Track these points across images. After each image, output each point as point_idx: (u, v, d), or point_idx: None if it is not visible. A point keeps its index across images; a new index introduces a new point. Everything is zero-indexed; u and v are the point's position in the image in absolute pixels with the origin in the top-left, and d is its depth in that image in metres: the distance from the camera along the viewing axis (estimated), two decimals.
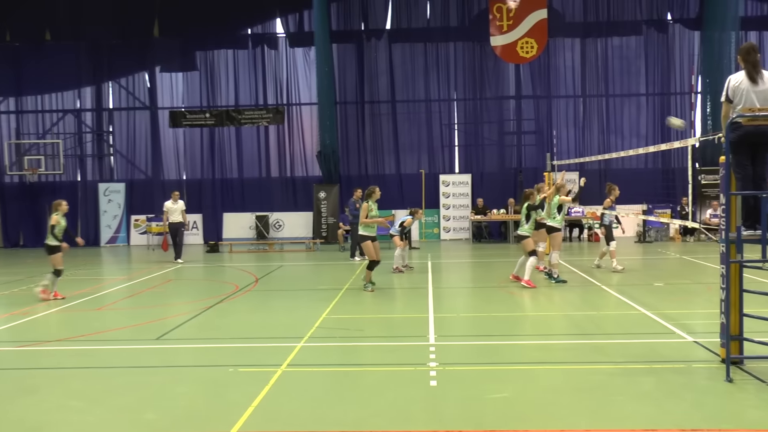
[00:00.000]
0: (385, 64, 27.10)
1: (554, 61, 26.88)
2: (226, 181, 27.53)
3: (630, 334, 9.68)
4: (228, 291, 14.36)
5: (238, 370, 8.03)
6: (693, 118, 25.80)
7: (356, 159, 27.25)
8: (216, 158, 27.60)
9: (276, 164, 27.62)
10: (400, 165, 27.19)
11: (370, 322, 10.91)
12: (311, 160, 27.32)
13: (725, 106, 7.85)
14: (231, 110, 27.15)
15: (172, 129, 27.53)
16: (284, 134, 27.52)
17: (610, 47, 26.82)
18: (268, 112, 27.09)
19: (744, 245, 7.52)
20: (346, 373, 7.91)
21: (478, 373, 7.81)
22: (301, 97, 27.51)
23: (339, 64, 27.13)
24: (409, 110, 27.23)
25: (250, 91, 27.52)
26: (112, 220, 27.22)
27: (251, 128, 27.40)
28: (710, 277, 14.55)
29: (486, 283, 15.11)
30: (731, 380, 7.18)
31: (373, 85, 27.17)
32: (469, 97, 27.10)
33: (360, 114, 27.24)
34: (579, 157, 24.99)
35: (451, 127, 27.37)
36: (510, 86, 27.24)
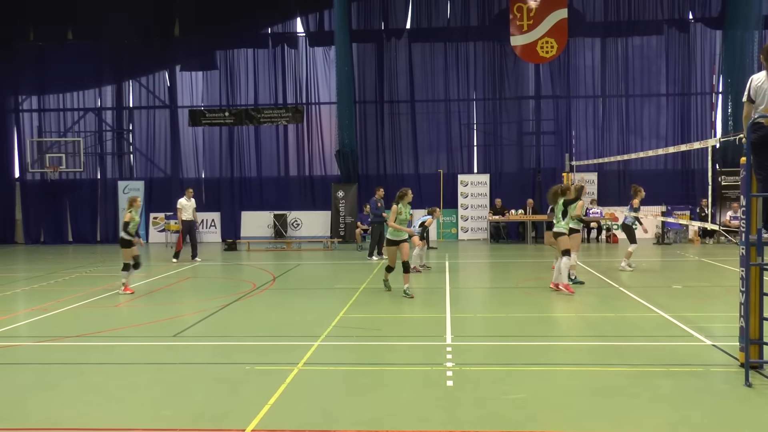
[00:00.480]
0: (404, 64, 27.09)
1: (574, 61, 26.74)
2: (245, 179, 27.63)
3: (648, 337, 9.61)
4: (245, 289, 14.40)
5: (255, 368, 8.05)
6: (714, 119, 25.56)
7: (375, 158, 27.26)
8: (235, 157, 27.71)
9: (294, 163, 27.68)
10: (419, 165, 27.17)
11: (387, 321, 10.90)
12: (330, 159, 27.36)
13: (747, 106, 7.76)
14: (250, 109, 27.25)
15: (191, 128, 27.67)
16: (303, 133, 27.58)
17: (631, 47, 26.64)
18: (287, 111, 27.15)
19: (764, 248, 7.44)
20: (362, 373, 7.91)
21: (494, 373, 7.79)
22: (321, 96, 27.56)
23: (358, 64, 27.15)
24: (428, 110, 27.20)
25: (269, 90, 27.60)
26: None
27: (270, 127, 27.48)
28: (729, 280, 14.41)
29: (503, 283, 15.06)
30: (750, 385, 7.11)
31: (392, 84, 27.15)
32: (488, 97, 27.02)
33: (379, 113, 27.24)
34: (598, 157, 24.86)
35: (470, 127, 27.30)
36: (529, 86, 27.13)
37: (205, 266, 19.24)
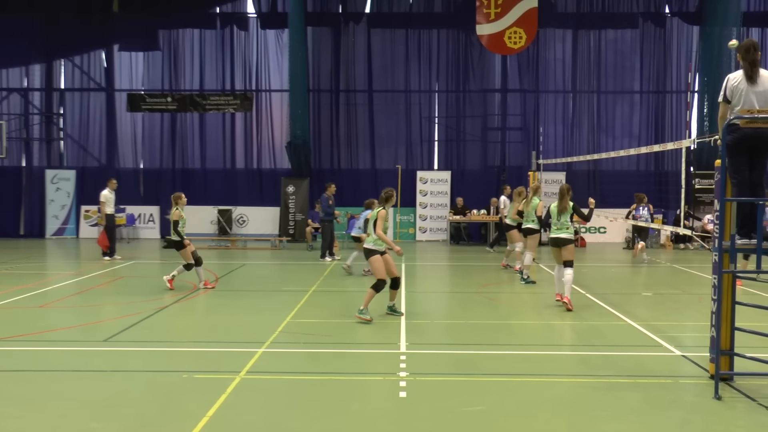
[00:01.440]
0: (362, 51, 27.05)
1: (544, 54, 26.98)
2: (187, 171, 27.32)
3: (615, 346, 9.74)
4: (185, 290, 14.27)
5: (194, 376, 7.98)
6: (689, 119, 26.05)
7: (329, 151, 27.18)
8: (177, 146, 27.37)
9: (242, 155, 27.46)
10: (376, 159, 27.17)
11: (337, 327, 10.86)
12: (280, 151, 27.19)
13: (722, 106, 7.92)
14: (195, 95, 26.95)
15: (129, 113, 27.26)
16: (252, 122, 27.36)
17: (604, 40, 26.99)
18: (235, 98, 26.93)
19: (738, 255, 7.60)
20: (310, 382, 7.88)
21: (452, 384, 7.82)
22: (272, 83, 27.38)
23: (313, 49, 27.03)
24: (387, 101, 27.20)
25: (216, 74, 27.32)
26: (59, 210, 26.90)
27: (216, 115, 27.23)
28: (702, 288, 14.70)
29: (463, 288, 15.14)
30: (720, 398, 7.26)
31: (349, 72, 27.10)
32: (451, 89, 27.13)
33: (334, 103, 27.17)
34: (567, 156, 25.14)
35: (431, 121, 27.39)
36: (495, 79, 27.30)
37: (142, 265, 19.00)
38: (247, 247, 24.07)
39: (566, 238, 12.65)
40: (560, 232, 12.68)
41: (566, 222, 12.70)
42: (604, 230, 26.12)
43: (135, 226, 26.61)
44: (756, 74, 7.75)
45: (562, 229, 12.69)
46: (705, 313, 9.31)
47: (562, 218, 12.71)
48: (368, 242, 11.43)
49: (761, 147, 7.78)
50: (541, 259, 19.39)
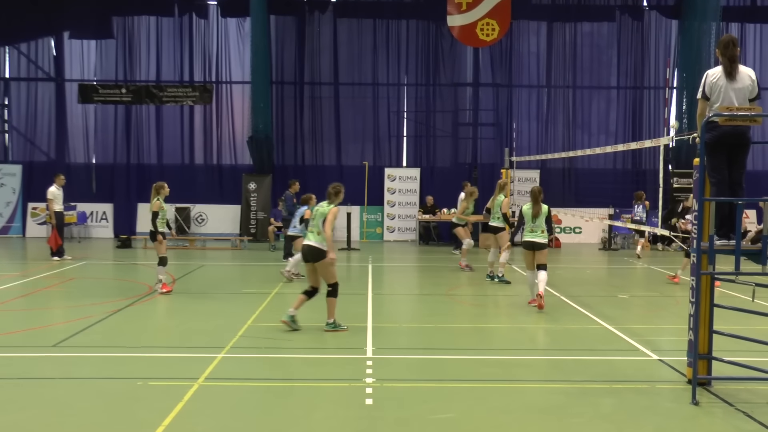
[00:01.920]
0: (328, 41, 27.00)
1: (517, 46, 27.13)
2: (143, 166, 27.05)
3: (590, 351, 9.83)
4: (140, 292, 14.14)
5: (148, 383, 7.92)
6: (667, 116, 26.35)
7: (292, 147, 27.09)
8: (132, 140, 27.08)
9: (201, 150, 27.26)
10: (342, 155, 27.13)
11: (300, 330, 10.82)
12: (241, 146, 27.04)
13: (701, 103, 8.02)
14: (151, 86, 26.70)
15: (81, 105, 26.91)
16: (211, 116, 27.17)
17: (580, 34, 27.21)
18: (193, 90, 26.73)
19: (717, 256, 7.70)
20: (271, 389, 7.86)
21: (420, 390, 7.83)
22: (233, 74, 27.22)
23: (277, 39, 26.92)
24: (354, 94, 27.17)
25: (174, 65, 27.08)
26: (4, 208, 26.49)
27: (174, 108, 26.99)
28: (680, 290, 14.89)
29: (432, 290, 15.18)
30: (697, 403, 7.36)
31: (314, 64, 27.02)
32: (421, 83, 27.18)
33: (298, 96, 27.08)
34: (541, 153, 25.30)
35: (399, 115, 27.42)
36: (467, 72, 27.40)
37: (94, 266, 18.80)
38: (206, 247, 23.92)
39: (541, 242, 12.82)
40: (535, 235, 12.81)
41: (541, 225, 12.82)
42: (579, 230, 26.34)
43: (87, 225, 26.30)
44: (735, 70, 7.85)
45: (537, 232, 12.82)
46: (683, 316, 9.42)
47: (537, 221, 12.82)
48: (316, 240, 10.57)
49: (740, 145, 7.89)
50: (513, 260, 19.49)
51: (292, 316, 10.75)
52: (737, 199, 7.76)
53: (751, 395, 7.74)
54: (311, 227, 10.76)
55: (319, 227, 10.61)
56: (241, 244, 23.89)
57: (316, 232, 10.61)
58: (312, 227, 10.73)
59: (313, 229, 10.69)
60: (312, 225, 10.75)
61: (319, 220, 10.65)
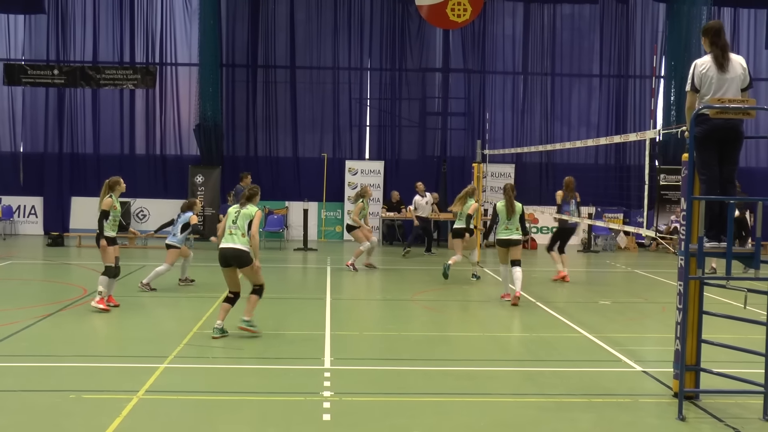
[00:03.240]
0: (284, 20, 26.89)
1: (491, 29, 27.23)
2: (77, 156, 26.77)
3: (568, 362, 9.89)
4: (73, 296, 14.00)
5: (82, 396, 7.84)
6: (654, 107, 26.63)
7: (243, 136, 26.96)
8: (65, 127, 26.79)
9: (142, 138, 27.03)
10: (298, 146, 27.05)
11: (251, 339, 10.76)
12: (188, 135, 26.86)
13: (690, 96, 8.09)
14: (87, 67, 26.41)
15: (7, 87, 26.56)
16: (155, 101, 26.96)
17: (559, 16, 27.38)
18: (135, 73, 26.49)
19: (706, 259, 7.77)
20: (219, 403, 7.81)
21: (382, 405, 7.84)
22: (178, 56, 27.01)
23: (228, 17, 26.76)
24: (312, 79, 27.11)
25: (113, 44, 26.82)
26: None
27: (112, 91, 26.75)
28: (667, 296, 15.02)
29: (396, 295, 15.20)
30: (684, 418, 7.44)
31: (268, 45, 26.92)
32: (385, 67, 27.18)
33: (251, 80, 26.96)
34: (516, 146, 25.42)
35: (362, 103, 27.42)
36: (436, 56, 27.46)
37: (21, 265, 18.59)
38: (147, 245, 23.72)
39: (517, 239, 13.95)
40: (510, 233, 13.94)
41: (516, 223, 13.94)
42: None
43: (12, 220, 25.95)
44: (727, 60, 7.93)
45: (512, 230, 13.93)
46: (669, 324, 9.53)
47: (512, 219, 13.94)
48: (241, 243, 10.66)
49: (732, 140, 7.97)
50: (485, 262, 19.59)
51: (220, 328, 10.70)
52: (728, 198, 7.84)
53: (741, 410, 7.84)
54: (232, 229, 10.79)
55: (244, 230, 10.72)
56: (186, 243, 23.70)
57: (240, 234, 10.71)
58: (234, 229, 10.77)
59: (235, 231, 10.74)
60: (234, 227, 10.78)
61: (244, 222, 10.74)
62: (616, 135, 21.47)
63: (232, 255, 10.70)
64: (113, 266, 12.80)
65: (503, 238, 13.95)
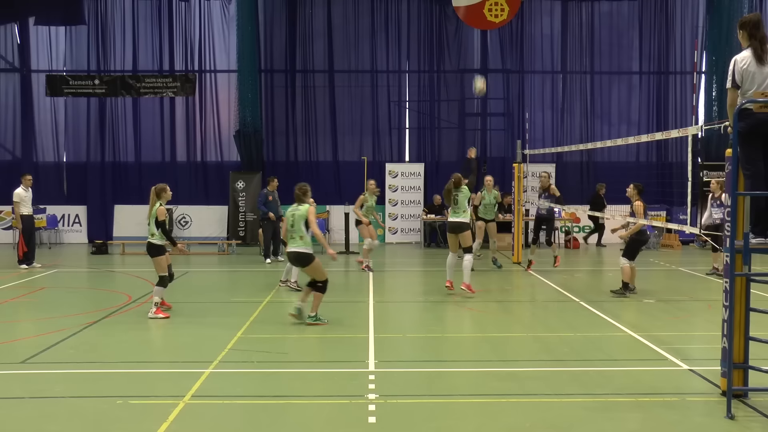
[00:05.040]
0: (322, 24, 26.98)
1: (529, 29, 27.12)
2: (119, 165, 27.07)
3: (613, 361, 9.82)
4: (118, 303, 14.13)
5: (129, 402, 7.91)
6: (695, 103, 26.34)
7: (283, 141, 27.08)
8: (107, 136, 27.09)
9: (183, 145, 27.24)
10: (338, 150, 27.12)
11: (295, 343, 10.83)
12: (228, 141, 27.04)
13: (731, 93, 7.99)
14: (127, 77, 26.71)
15: (50, 98, 26.93)
16: (194, 108, 27.17)
17: (598, 14, 27.19)
18: (174, 81, 26.73)
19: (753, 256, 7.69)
20: (264, 407, 7.85)
21: (427, 407, 7.83)
22: (217, 62, 27.19)
23: (266, 23, 26.91)
24: (351, 83, 27.16)
25: (152, 53, 27.07)
26: None
27: (153, 100, 27.00)
28: (712, 293, 14.87)
29: (439, 297, 15.16)
30: (733, 417, 7.35)
31: (306, 50, 27.01)
32: (424, 69, 27.16)
33: (290, 86, 27.07)
34: (556, 145, 25.27)
35: (401, 105, 27.41)
36: (474, 57, 27.38)
37: (67, 274, 18.78)
38: (190, 252, 23.90)
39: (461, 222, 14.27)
40: (458, 215, 14.31)
41: (464, 205, 14.29)
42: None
43: (57, 229, 26.31)
44: (766, 53, 7.83)
45: (459, 213, 14.28)
46: (715, 322, 9.43)
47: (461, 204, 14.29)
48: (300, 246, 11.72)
49: None
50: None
51: (297, 307, 11.72)
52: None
53: None
54: (292, 233, 11.69)
55: (302, 231, 11.68)
56: (228, 249, 23.87)
57: (299, 237, 11.66)
58: (293, 233, 11.68)
59: (294, 235, 11.66)
60: (292, 230, 11.70)
61: (300, 224, 11.67)
62: (657, 132, 21.25)
63: (295, 257, 11.76)
64: (167, 275, 13.02)
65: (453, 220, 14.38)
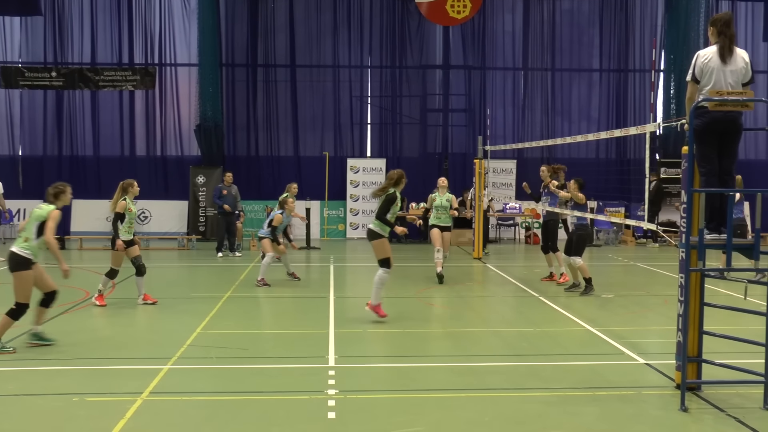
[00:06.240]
0: (283, 18, 26.88)
1: (491, 25, 27.23)
2: (77, 159, 26.77)
3: (571, 355, 9.93)
4: (76, 298, 13.98)
5: (86, 399, 7.87)
6: (654, 101, 26.65)
7: (244, 136, 26.96)
8: (64, 130, 26.78)
9: (143, 140, 27.01)
10: (299, 145, 27.06)
11: (255, 338, 10.83)
12: (188, 135, 26.86)
13: (691, 86, 8.12)
14: (86, 69, 26.42)
15: (4, 90, 26.57)
16: (155, 102, 26.95)
17: (559, 11, 27.37)
18: (134, 74, 26.50)
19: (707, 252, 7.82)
20: (223, 403, 7.84)
21: (386, 402, 7.88)
22: (178, 56, 26.99)
23: (227, 16, 26.74)
24: (312, 78, 27.10)
25: (111, 45, 26.80)
26: None
27: (112, 93, 26.75)
28: (669, 289, 15.06)
29: (400, 292, 15.21)
30: (686, 409, 7.50)
31: (268, 44, 26.91)
32: (386, 65, 27.19)
33: (251, 80, 26.95)
34: (517, 142, 25.42)
35: (363, 101, 27.41)
36: (436, 53, 27.45)
37: None
38: (149, 247, 23.72)
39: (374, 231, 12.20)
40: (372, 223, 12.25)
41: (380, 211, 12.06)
42: (560, 225, 26.32)
43: (13, 224, 25.92)
44: (731, 52, 7.95)
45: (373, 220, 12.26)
46: (671, 317, 9.57)
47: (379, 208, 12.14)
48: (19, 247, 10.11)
49: (731, 132, 8.01)
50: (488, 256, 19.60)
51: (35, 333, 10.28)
52: (728, 190, 7.88)
53: (743, 399, 7.89)
54: (21, 231, 10.22)
55: (30, 233, 10.12)
56: (188, 244, 23.76)
57: (23, 239, 10.10)
58: (22, 231, 10.20)
59: (22, 234, 10.17)
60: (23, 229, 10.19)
61: (33, 224, 10.14)
62: (616, 129, 21.48)
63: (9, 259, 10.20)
64: (117, 270, 13.15)
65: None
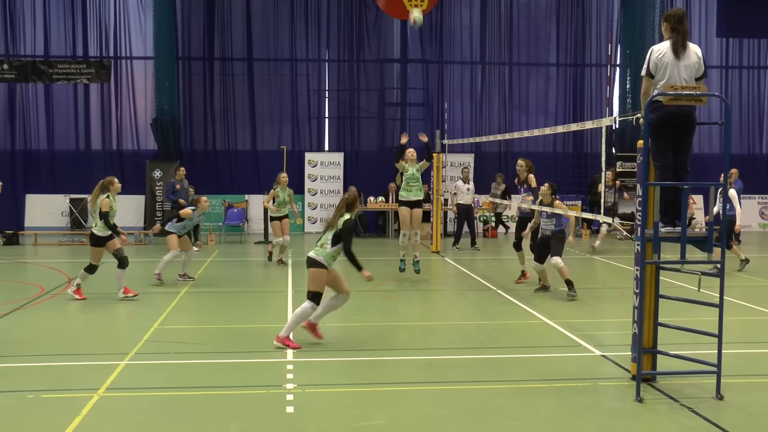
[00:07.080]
0: (240, 12, 26.75)
1: (448, 19, 27.33)
2: (31, 153, 26.45)
3: (529, 348, 10.02)
4: (30, 294, 13.86)
5: (40, 396, 7.80)
6: (610, 95, 26.90)
7: (201, 130, 26.81)
8: (17, 123, 26.44)
9: (98, 133, 26.74)
10: (257, 139, 26.97)
11: (213, 333, 10.79)
12: (145, 129, 26.64)
13: (645, 81, 8.22)
14: (39, 62, 26.07)
15: None
16: (110, 96, 26.69)
17: (516, 5, 27.53)
18: (88, 67, 26.20)
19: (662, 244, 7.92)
20: (181, 398, 7.82)
21: (345, 396, 7.89)
22: (134, 49, 26.76)
23: (183, 9, 26.56)
24: (270, 71, 27.01)
25: (65, 38, 26.50)
26: None
27: (66, 86, 26.42)
28: (624, 281, 15.24)
29: (357, 285, 15.18)
30: (641, 400, 7.60)
31: (225, 37, 26.76)
32: (343, 59, 27.17)
33: (208, 73, 26.79)
34: (475, 135, 25.55)
35: (320, 95, 27.38)
36: (394, 47, 27.50)
37: None
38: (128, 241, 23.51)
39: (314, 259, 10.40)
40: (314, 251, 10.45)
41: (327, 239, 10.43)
42: (506, 218, 26.55)
43: None
44: (685, 48, 8.06)
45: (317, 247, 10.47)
46: (627, 309, 9.68)
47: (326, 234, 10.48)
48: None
49: (686, 127, 8.11)
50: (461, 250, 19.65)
51: None
52: (683, 184, 7.98)
53: (696, 389, 8.01)
54: None
55: None
56: (145, 239, 23.57)
57: None
58: None
59: None
60: None
61: None
62: (573, 123, 21.67)
63: None
64: (96, 266, 13.31)
65: None
